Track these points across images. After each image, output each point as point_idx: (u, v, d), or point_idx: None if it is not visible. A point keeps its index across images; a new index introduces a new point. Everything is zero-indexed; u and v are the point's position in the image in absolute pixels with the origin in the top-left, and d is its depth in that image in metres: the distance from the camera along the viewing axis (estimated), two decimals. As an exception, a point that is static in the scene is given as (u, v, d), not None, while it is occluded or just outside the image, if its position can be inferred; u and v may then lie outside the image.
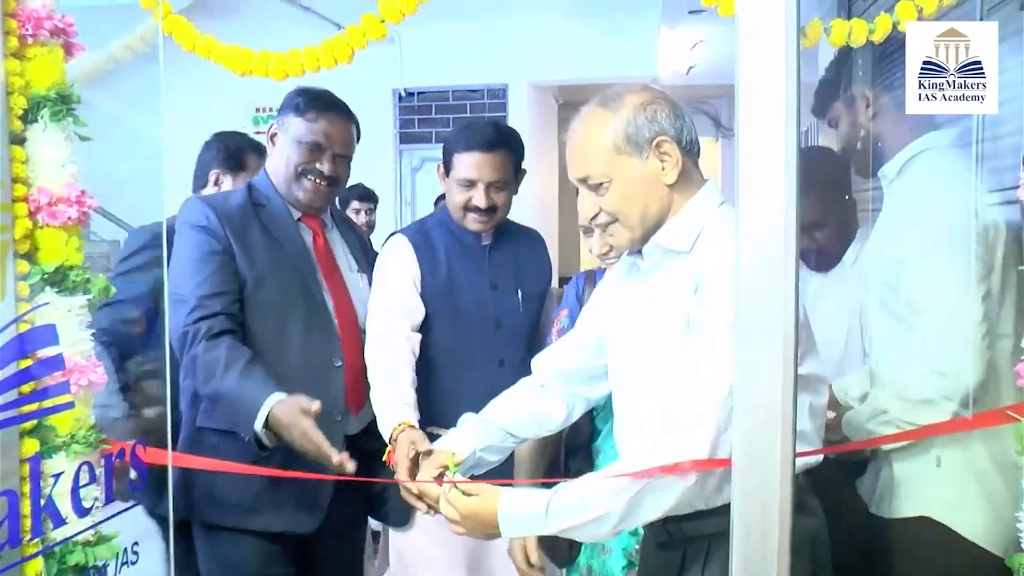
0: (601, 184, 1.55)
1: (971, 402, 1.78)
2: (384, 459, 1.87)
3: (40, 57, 1.49)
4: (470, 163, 2.16)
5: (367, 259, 2.33)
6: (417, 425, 1.90)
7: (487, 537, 1.58)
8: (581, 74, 5.61)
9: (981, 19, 2.10)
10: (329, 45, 1.47)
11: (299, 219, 2.20)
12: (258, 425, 1.87)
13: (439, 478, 1.68)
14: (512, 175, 2.22)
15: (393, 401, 1.97)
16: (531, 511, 1.49)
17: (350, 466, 1.79)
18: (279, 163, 2.17)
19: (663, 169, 1.53)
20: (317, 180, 2.14)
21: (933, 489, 1.84)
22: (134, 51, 1.83)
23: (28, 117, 1.49)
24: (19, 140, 1.48)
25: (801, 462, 1.48)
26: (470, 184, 2.16)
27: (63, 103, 1.51)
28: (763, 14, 1.24)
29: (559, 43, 5.46)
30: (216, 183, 2.64)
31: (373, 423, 2.03)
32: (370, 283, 2.23)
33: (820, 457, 1.56)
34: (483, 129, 2.24)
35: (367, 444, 2.06)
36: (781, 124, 1.24)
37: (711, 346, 1.41)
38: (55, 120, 1.50)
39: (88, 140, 1.58)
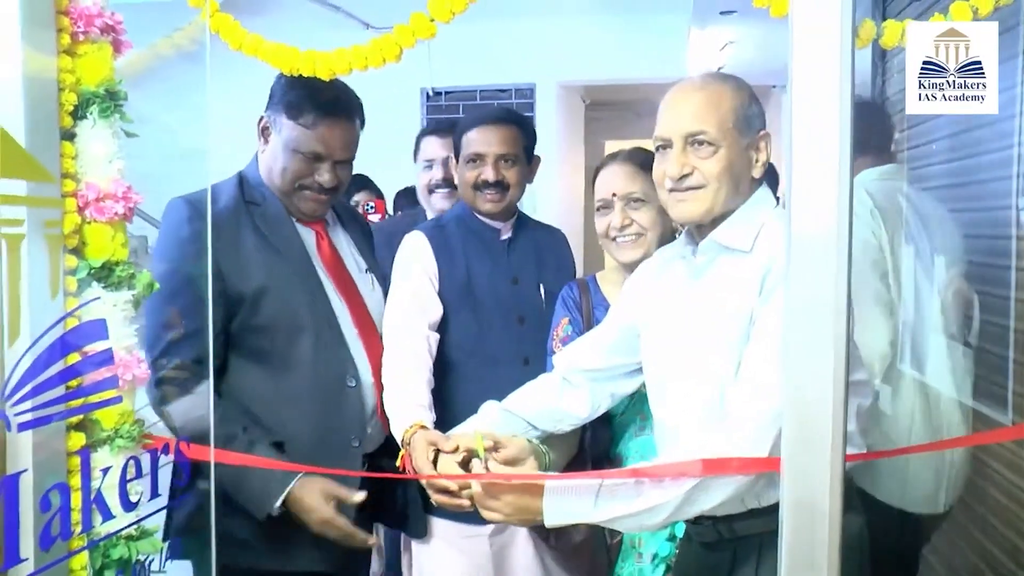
0: (710, 145, 1.54)
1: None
2: (398, 463, 1.80)
3: (90, 54, 1.50)
4: (478, 137, 2.15)
5: (374, 255, 2.19)
6: (431, 427, 1.82)
7: (525, 524, 1.56)
8: (609, 74, 5.60)
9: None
10: (378, 44, 1.46)
11: (297, 219, 2.00)
12: (274, 509, 1.77)
13: (466, 463, 1.65)
14: (522, 152, 2.19)
15: (406, 402, 1.88)
16: (579, 497, 1.47)
17: (373, 539, 1.79)
18: (273, 168, 1.95)
19: (756, 161, 1.56)
20: (318, 193, 1.94)
21: None
22: (179, 49, 1.83)
23: (78, 113, 1.49)
24: (69, 136, 1.49)
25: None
26: (479, 159, 2.14)
27: (111, 100, 1.52)
28: (817, 14, 1.24)
29: (587, 43, 5.44)
30: None
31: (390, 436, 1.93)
32: (380, 283, 2.12)
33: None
34: (491, 107, 2.25)
35: (386, 459, 1.97)
36: (836, 125, 1.23)
37: (775, 346, 1.40)
38: (103, 116, 1.51)
39: (135, 136, 1.59)
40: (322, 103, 1.86)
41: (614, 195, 1.95)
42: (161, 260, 1.88)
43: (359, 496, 1.77)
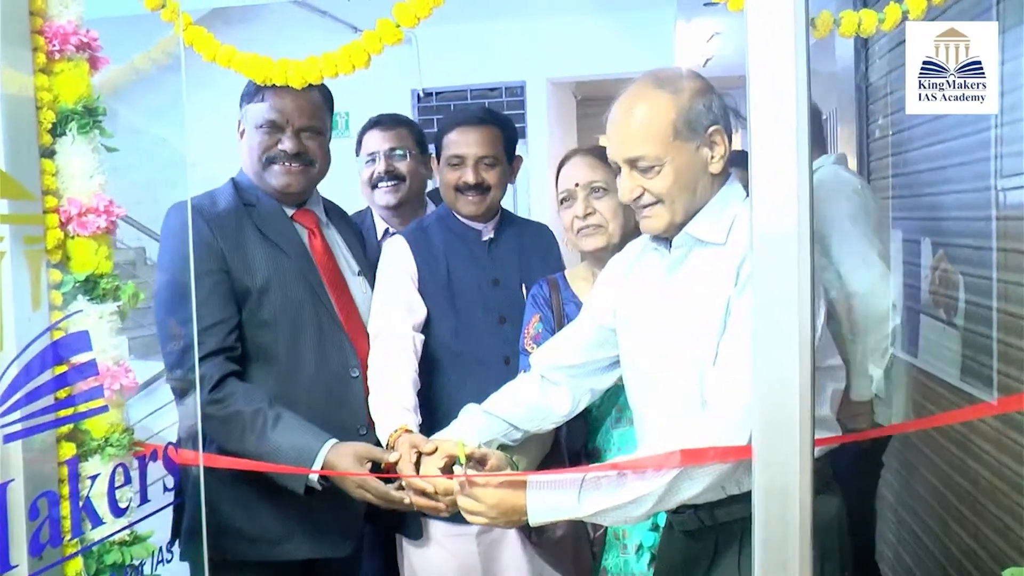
0: (653, 167, 1.54)
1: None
2: (383, 466, 1.78)
3: (67, 72, 1.53)
4: (458, 139, 2.16)
5: (366, 257, 2.21)
6: (416, 429, 1.81)
7: (510, 525, 1.58)
8: (599, 69, 5.61)
9: (998, 2, 2.11)
10: (346, 51, 1.49)
11: (291, 216, 2.04)
12: (314, 479, 1.76)
13: (447, 470, 1.66)
14: (502, 153, 2.19)
15: (391, 405, 1.87)
16: (562, 493, 1.49)
17: (408, 499, 1.74)
18: (246, 156, 2.02)
19: (712, 158, 1.55)
20: (285, 163, 1.97)
21: None
22: (155, 62, 1.87)
23: (57, 130, 1.53)
24: (49, 153, 1.52)
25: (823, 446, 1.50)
26: (459, 161, 2.15)
27: (90, 115, 1.55)
28: (772, 7, 1.26)
29: (576, 39, 5.46)
30: None
31: None
32: (371, 286, 2.13)
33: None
34: (471, 108, 2.25)
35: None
36: (792, 116, 1.25)
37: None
38: (83, 132, 1.54)
39: (115, 151, 1.62)
40: None
41: (577, 185, 1.98)
42: (168, 259, 1.92)
43: (392, 456, 1.75)
